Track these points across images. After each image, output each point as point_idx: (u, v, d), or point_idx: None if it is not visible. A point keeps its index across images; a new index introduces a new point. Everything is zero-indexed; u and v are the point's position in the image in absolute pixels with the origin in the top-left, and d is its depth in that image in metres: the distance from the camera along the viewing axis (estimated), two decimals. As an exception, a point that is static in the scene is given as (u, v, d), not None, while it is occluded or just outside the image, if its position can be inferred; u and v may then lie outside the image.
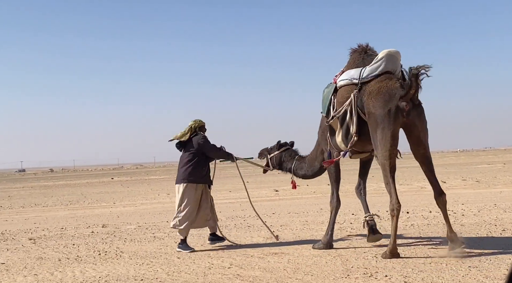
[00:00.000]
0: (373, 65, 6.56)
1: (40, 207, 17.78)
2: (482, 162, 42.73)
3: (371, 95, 6.35)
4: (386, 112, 6.11)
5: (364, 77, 6.54)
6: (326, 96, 7.16)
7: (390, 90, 6.20)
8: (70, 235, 9.64)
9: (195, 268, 6.17)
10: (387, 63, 6.51)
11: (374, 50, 7.00)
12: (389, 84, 6.29)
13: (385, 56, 6.53)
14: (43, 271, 6.36)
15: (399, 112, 6.10)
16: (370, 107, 6.30)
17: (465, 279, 5.12)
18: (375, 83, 6.44)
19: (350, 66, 6.95)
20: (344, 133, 6.72)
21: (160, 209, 14.82)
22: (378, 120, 6.16)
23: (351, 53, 7.16)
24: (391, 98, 6.14)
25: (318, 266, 6.02)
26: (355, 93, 6.53)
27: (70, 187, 32.55)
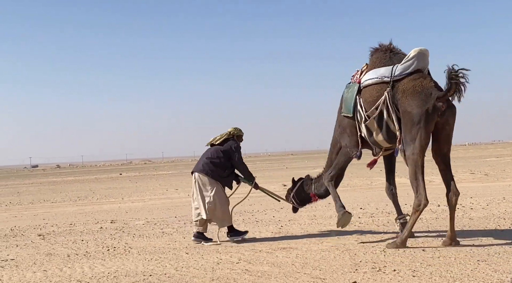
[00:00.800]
0: (405, 63, 6.62)
1: (49, 203, 17.88)
2: (490, 155, 42.51)
3: (405, 93, 6.42)
4: (423, 111, 6.23)
5: (396, 75, 6.58)
6: (349, 96, 7.11)
7: (426, 89, 6.33)
8: (79, 231, 9.69)
9: (203, 263, 6.19)
10: (418, 61, 6.61)
11: (399, 49, 7.04)
12: (424, 82, 6.40)
13: (417, 54, 6.61)
14: (52, 267, 6.40)
15: (435, 112, 6.25)
16: (406, 105, 6.38)
17: (474, 273, 5.11)
18: (408, 81, 6.50)
19: (376, 65, 6.93)
20: (386, 131, 6.70)
21: (168, 204, 14.86)
22: (415, 119, 6.27)
23: (372, 52, 7.16)
24: (427, 97, 6.27)
25: (327, 260, 6.02)
26: (388, 91, 6.57)
27: (79, 183, 32.70)
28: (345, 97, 7.22)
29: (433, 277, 5.04)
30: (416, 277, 5.08)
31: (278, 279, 5.27)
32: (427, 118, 6.23)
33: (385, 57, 6.93)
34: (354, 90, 7.05)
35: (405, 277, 5.10)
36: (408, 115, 6.33)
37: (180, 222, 10.23)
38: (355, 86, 7.05)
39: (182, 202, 15.25)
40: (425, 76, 6.54)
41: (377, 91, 6.71)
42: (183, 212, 12.31)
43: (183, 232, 8.88)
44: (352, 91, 7.08)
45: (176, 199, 16.78)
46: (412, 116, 6.29)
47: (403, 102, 6.41)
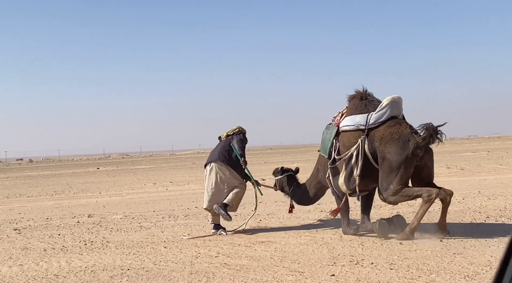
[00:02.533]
0: (379, 112, 6.83)
1: (25, 197, 17.64)
2: (466, 150, 43.13)
3: (383, 141, 6.63)
4: (403, 158, 6.45)
5: (371, 123, 6.79)
6: (327, 138, 7.35)
7: (403, 136, 6.56)
8: (56, 225, 9.58)
9: (182, 257, 6.17)
10: (392, 109, 6.84)
11: (373, 96, 7.25)
12: (400, 129, 6.63)
13: (390, 103, 6.84)
14: (29, 261, 6.32)
15: (414, 157, 6.47)
16: (385, 152, 6.59)
17: (450, 266, 5.18)
18: (384, 128, 6.72)
19: (353, 112, 7.12)
20: (347, 175, 6.94)
21: (146, 198, 14.78)
22: (394, 165, 6.50)
23: (349, 99, 7.34)
24: (406, 144, 6.49)
25: (305, 254, 6.05)
26: (362, 139, 6.77)
27: (55, 177, 32.32)
28: (323, 137, 7.48)
29: (410, 270, 5.10)
30: (393, 270, 5.13)
31: (257, 272, 5.28)
32: (406, 165, 6.47)
33: (361, 104, 7.13)
34: (332, 132, 7.29)
35: (383, 270, 5.15)
36: (387, 162, 6.55)
37: (158, 216, 10.18)
38: (334, 129, 7.28)
39: (160, 197, 15.18)
40: (400, 122, 6.77)
41: (354, 137, 6.94)
42: (161, 206, 12.25)
43: (161, 226, 8.84)
44: (330, 133, 7.33)
45: (154, 193, 16.70)
46: (391, 163, 6.51)
47: (383, 149, 6.62)
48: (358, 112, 7.05)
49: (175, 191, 17.21)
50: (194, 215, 10.20)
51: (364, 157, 6.74)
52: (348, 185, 6.95)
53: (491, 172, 17.82)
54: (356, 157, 6.81)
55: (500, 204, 9.53)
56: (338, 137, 7.20)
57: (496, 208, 8.98)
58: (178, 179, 23.49)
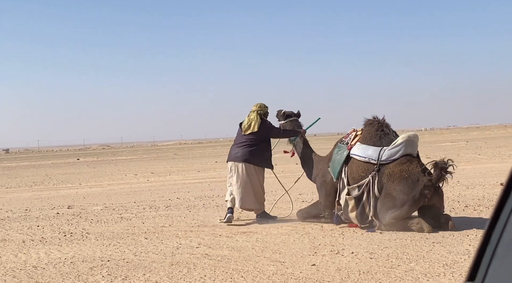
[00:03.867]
0: (392, 149, 6.63)
1: (3, 188, 17.42)
2: (445, 140, 43.63)
3: (392, 178, 6.48)
4: (410, 198, 6.31)
5: (383, 160, 6.60)
6: (337, 160, 7.07)
7: (413, 175, 6.40)
8: (35, 217, 9.47)
9: (163, 248, 6.14)
10: (406, 147, 6.64)
11: (390, 128, 7.07)
12: (410, 167, 6.47)
13: (405, 141, 6.66)
14: (7, 253, 6.24)
15: (421, 198, 6.34)
16: (391, 189, 6.45)
17: (429, 255, 5.23)
18: (395, 165, 6.54)
19: (366, 140, 6.92)
20: (360, 212, 6.70)
21: (127, 189, 14.69)
22: (397, 203, 6.37)
23: (366, 123, 7.14)
24: (414, 184, 6.33)
25: (286, 244, 6.07)
26: (373, 175, 6.59)
27: (34, 168, 31.97)
28: (333, 157, 7.19)
29: (390, 259, 5.14)
30: (373, 259, 5.17)
31: (238, 263, 5.28)
32: (411, 205, 6.36)
33: (376, 135, 6.92)
34: (343, 156, 7.01)
35: (363, 259, 5.18)
36: (391, 198, 6.42)
37: (139, 208, 10.12)
38: (345, 152, 7.01)
39: (141, 188, 15.10)
40: (412, 160, 6.57)
41: (362, 170, 6.74)
42: (142, 197, 12.19)
43: (142, 217, 8.80)
44: (341, 155, 7.04)
45: (135, 184, 16.61)
46: (395, 200, 6.38)
47: (390, 187, 6.46)
48: (372, 143, 6.85)
49: (156, 182, 17.13)
50: (176, 206, 10.16)
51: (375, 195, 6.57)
52: (362, 221, 6.71)
53: (470, 162, 18.04)
54: (367, 195, 6.62)
55: (478, 193, 9.66)
56: (348, 163, 6.96)
57: (475, 198, 9.09)
58: (159, 170, 23.39)
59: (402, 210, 6.36)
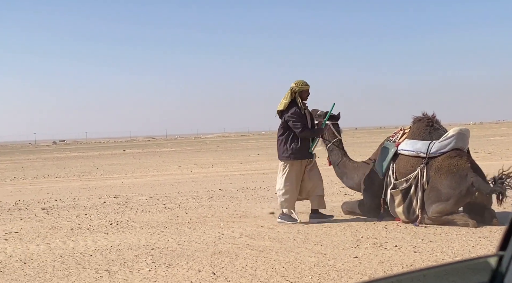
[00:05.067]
0: (442, 142, 6.52)
1: (53, 178, 17.96)
2: (494, 135, 42.42)
3: (439, 171, 6.37)
4: (456, 193, 6.20)
5: (432, 152, 6.50)
6: (384, 157, 6.97)
7: (461, 170, 6.27)
8: (83, 206, 9.74)
9: (205, 238, 6.22)
10: (457, 141, 6.52)
11: (440, 124, 6.96)
12: (459, 162, 6.34)
13: (456, 134, 6.53)
14: (56, 240, 6.45)
15: (468, 195, 6.21)
16: (438, 183, 6.33)
17: (475, 249, 5.12)
18: (443, 159, 6.42)
19: (415, 136, 6.82)
20: (406, 206, 6.59)
21: (171, 180, 14.91)
22: (443, 198, 6.26)
23: (414, 120, 7.02)
24: (462, 179, 6.21)
25: (328, 236, 6.05)
26: (422, 168, 6.49)
27: (83, 159, 32.80)
28: (380, 155, 7.09)
29: (434, 253, 5.06)
30: (417, 253, 5.10)
31: (279, 253, 5.30)
32: (457, 200, 6.23)
33: (426, 130, 6.80)
34: (390, 153, 6.92)
35: (406, 253, 5.12)
36: (437, 192, 6.31)
37: (183, 198, 10.26)
38: (393, 149, 6.91)
39: (184, 179, 15.30)
40: (461, 154, 6.44)
41: (411, 164, 6.64)
42: (185, 188, 12.35)
43: (185, 207, 8.92)
44: (388, 153, 6.95)
45: (178, 175, 16.84)
46: (441, 194, 6.27)
47: (436, 180, 6.35)
48: (421, 138, 6.74)
49: (199, 173, 17.32)
50: (218, 197, 10.26)
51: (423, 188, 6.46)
52: (408, 216, 6.57)
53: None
54: (415, 188, 6.51)
55: (528, 188, 9.35)
56: (396, 160, 6.86)
57: (524, 193, 8.82)
58: (202, 162, 23.63)
59: (447, 204, 6.24)
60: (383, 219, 6.87)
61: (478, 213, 6.30)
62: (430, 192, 6.40)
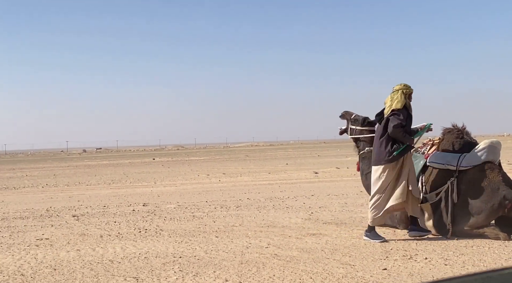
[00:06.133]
0: (473, 154, 6.41)
1: (83, 185, 18.23)
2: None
3: (470, 184, 6.28)
4: (488, 206, 6.09)
5: (462, 165, 6.39)
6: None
7: (493, 184, 6.17)
8: (112, 213, 9.84)
9: (232, 247, 6.21)
10: (488, 154, 6.40)
11: (471, 135, 6.84)
12: (491, 175, 6.24)
13: (487, 147, 6.43)
14: (85, 247, 6.52)
15: (500, 208, 6.09)
16: (469, 197, 6.24)
17: (508, 263, 5.00)
18: (474, 172, 6.32)
19: (445, 147, 6.73)
20: (437, 219, 6.48)
21: (199, 189, 14.97)
22: (474, 211, 6.16)
23: (444, 132, 6.92)
24: (494, 193, 6.10)
25: (357, 247, 5.98)
26: (452, 181, 6.39)
27: (113, 167, 33.23)
28: None
29: (466, 266, 4.96)
30: (448, 265, 5.00)
31: (307, 264, 5.26)
32: (489, 214, 6.11)
33: (456, 142, 6.68)
34: (419, 165, 6.79)
35: (437, 265, 5.02)
36: (468, 206, 6.21)
37: (211, 207, 10.29)
38: (421, 161, 6.80)
39: (213, 187, 15.35)
40: (493, 167, 6.32)
41: (440, 177, 6.53)
42: (213, 197, 12.39)
43: (213, 216, 8.94)
44: (417, 165, 6.79)
45: (207, 184, 16.90)
46: (472, 208, 6.17)
47: (467, 193, 6.26)
48: (451, 149, 6.64)
49: (227, 182, 17.36)
50: (246, 206, 10.26)
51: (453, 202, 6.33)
52: (438, 230, 6.45)
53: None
54: (446, 201, 6.39)
55: None
56: (425, 172, 6.74)
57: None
58: (231, 171, 23.69)
59: (479, 218, 6.12)
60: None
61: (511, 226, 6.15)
62: (461, 205, 6.28)
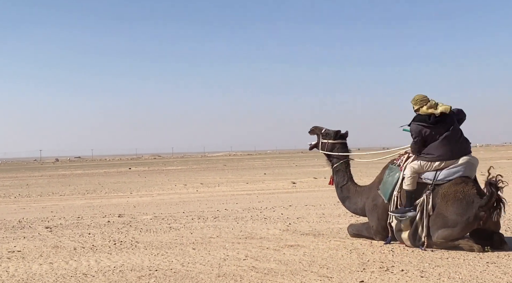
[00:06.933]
0: (450, 170, 6.44)
1: (57, 196, 17.96)
2: (501, 157, 42.24)
3: (446, 198, 6.30)
4: (463, 220, 6.11)
5: (439, 179, 6.43)
6: (389, 181, 6.87)
7: (467, 197, 6.19)
8: (86, 224, 9.69)
9: (210, 259, 6.16)
10: (465, 170, 6.46)
11: None
12: (465, 189, 6.28)
13: (465, 163, 6.47)
14: (59, 260, 6.40)
15: (476, 220, 6.11)
16: (444, 210, 6.26)
17: (483, 275, 5.04)
18: (449, 185, 6.36)
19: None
20: (412, 232, 6.49)
21: (176, 199, 14.87)
22: (449, 224, 6.19)
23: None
24: (469, 206, 6.13)
25: (334, 259, 5.97)
26: (428, 194, 6.43)
27: (88, 177, 32.83)
28: (385, 179, 6.97)
29: (442, 278, 4.98)
30: (424, 277, 5.02)
31: (285, 276, 5.23)
32: (465, 227, 6.14)
33: None
34: (395, 177, 6.82)
35: (413, 277, 5.04)
36: (444, 219, 6.23)
37: (188, 218, 10.21)
38: (397, 174, 6.81)
39: (190, 198, 15.25)
40: (467, 181, 6.38)
41: (417, 190, 6.54)
42: (191, 207, 12.30)
43: (191, 227, 8.86)
44: (393, 177, 6.85)
45: (184, 194, 16.80)
46: (447, 221, 6.20)
47: (442, 206, 6.28)
48: None
49: (205, 192, 17.27)
50: (224, 217, 10.20)
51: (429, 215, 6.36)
52: (414, 242, 6.47)
53: (528, 180, 17.34)
54: (421, 214, 6.41)
55: (536, 212, 9.26)
56: (400, 184, 6.73)
57: (533, 217, 8.73)
58: (208, 181, 23.59)
59: (454, 231, 6.15)
60: (390, 243, 6.78)
61: (487, 238, 6.21)
62: (436, 218, 6.31)
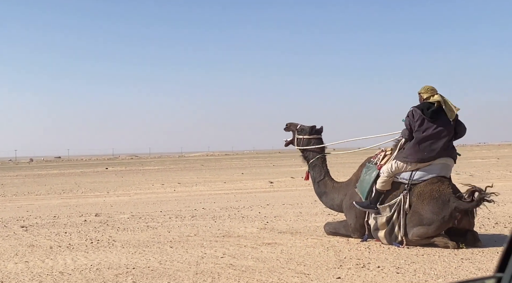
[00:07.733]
0: (426, 169, 6.49)
1: (33, 195, 17.72)
2: (476, 157, 42.91)
3: (421, 197, 6.36)
4: (439, 218, 6.17)
5: (415, 179, 6.48)
6: (366, 180, 6.86)
7: (443, 196, 6.25)
8: (63, 224, 9.59)
9: (187, 257, 6.15)
10: (441, 170, 6.52)
11: None
12: (441, 188, 6.33)
13: (441, 164, 6.53)
14: (34, 259, 6.33)
15: (451, 220, 6.19)
16: (420, 208, 6.31)
17: (457, 271, 5.13)
18: (425, 184, 6.42)
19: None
20: (389, 230, 6.54)
21: (154, 199, 14.79)
22: (425, 222, 6.24)
23: (396, 144, 6.94)
24: (445, 205, 6.18)
25: (311, 256, 6.02)
26: (404, 194, 6.47)
27: (64, 176, 32.46)
28: (362, 177, 6.98)
29: (417, 274, 5.06)
30: (400, 274, 5.09)
31: (262, 273, 5.25)
32: (439, 226, 6.20)
33: None
34: (372, 176, 6.82)
35: (389, 273, 5.11)
36: (419, 217, 6.29)
37: (165, 217, 10.17)
38: (374, 172, 6.82)
39: (167, 197, 15.19)
40: (443, 180, 6.44)
41: (393, 189, 6.61)
42: (168, 206, 12.26)
43: (168, 226, 8.84)
44: (370, 175, 6.85)
45: (161, 194, 16.72)
46: (423, 219, 6.26)
47: (418, 205, 6.34)
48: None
49: (182, 192, 17.22)
50: (201, 216, 10.19)
51: (405, 214, 6.41)
52: (390, 240, 6.53)
53: (501, 179, 17.68)
54: (398, 214, 6.47)
55: (509, 210, 9.45)
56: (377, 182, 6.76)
57: (505, 215, 8.90)
58: (186, 181, 23.52)
59: (429, 229, 6.23)
60: (367, 240, 6.85)
61: (461, 235, 6.31)
62: (412, 216, 6.38)
